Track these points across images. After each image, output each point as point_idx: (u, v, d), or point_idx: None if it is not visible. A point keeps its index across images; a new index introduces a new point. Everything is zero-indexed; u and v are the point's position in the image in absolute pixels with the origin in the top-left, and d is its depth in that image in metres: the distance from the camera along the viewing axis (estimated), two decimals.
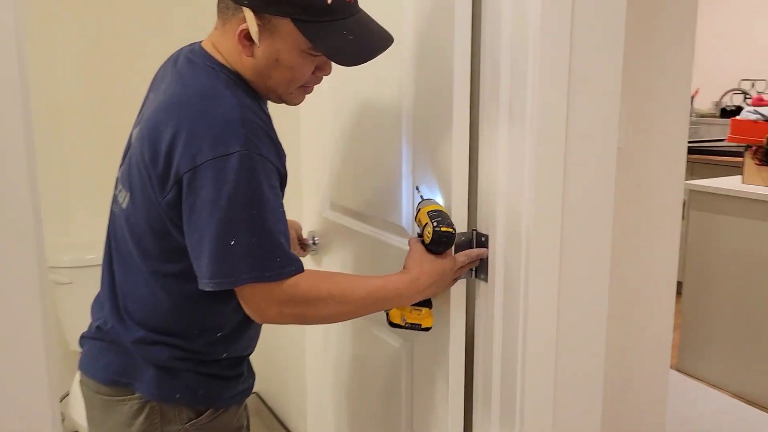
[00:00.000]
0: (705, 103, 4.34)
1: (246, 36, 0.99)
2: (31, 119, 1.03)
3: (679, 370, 2.98)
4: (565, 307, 1.10)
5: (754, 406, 2.69)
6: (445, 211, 1.09)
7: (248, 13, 0.96)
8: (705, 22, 4.01)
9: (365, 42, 1.01)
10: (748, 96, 4.14)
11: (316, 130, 1.58)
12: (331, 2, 0.96)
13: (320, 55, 1.03)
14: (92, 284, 2.07)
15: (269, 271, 0.96)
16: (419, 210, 1.11)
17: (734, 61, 4.27)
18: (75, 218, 2.25)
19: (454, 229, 1.06)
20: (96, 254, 2.11)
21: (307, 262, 1.63)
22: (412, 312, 1.13)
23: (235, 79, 1.03)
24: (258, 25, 0.97)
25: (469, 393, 1.21)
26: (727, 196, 2.73)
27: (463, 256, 1.12)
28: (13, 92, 0.99)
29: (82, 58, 2.18)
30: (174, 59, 1.11)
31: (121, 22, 2.20)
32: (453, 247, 1.09)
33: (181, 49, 1.11)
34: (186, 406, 1.09)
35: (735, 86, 4.22)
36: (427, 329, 1.15)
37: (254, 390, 1.32)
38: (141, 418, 1.07)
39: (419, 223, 1.10)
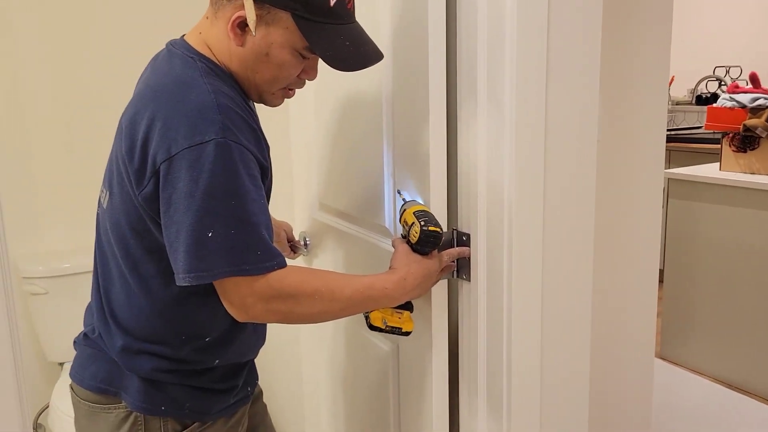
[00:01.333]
0: (680, 91, 4.38)
1: (239, 24, 0.98)
2: None
3: (661, 357, 3.01)
4: (549, 302, 1.10)
5: (735, 390, 2.73)
6: (431, 212, 1.08)
7: (248, 1, 0.95)
8: (678, 9, 4.03)
9: (361, 50, 1.01)
10: (723, 83, 4.18)
11: (304, 129, 1.57)
12: (333, 5, 0.96)
13: (310, 57, 1.03)
14: (69, 294, 2.06)
15: (249, 264, 0.93)
16: (404, 210, 1.10)
17: (708, 48, 4.30)
18: (47, 227, 2.19)
19: (441, 229, 1.05)
20: (71, 263, 2.08)
21: (299, 263, 1.61)
22: (393, 315, 1.12)
23: (215, 68, 1.01)
24: (256, 14, 0.95)
25: (456, 393, 1.20)
26: (706, 183, 2.75)
27: (447, 256, 1.11)
28: None
29: (49, 60, 2.11)
30: (157, 54, 1.09)
31: (90, 23, 2.15)
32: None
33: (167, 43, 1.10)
34: (172, 418, 1.08)
35: (709, 73, 4.25)
36: (408, 333, 1.13)
37: None
38: (125, 428, 1.06)
39: (405, 223, 1.09)
